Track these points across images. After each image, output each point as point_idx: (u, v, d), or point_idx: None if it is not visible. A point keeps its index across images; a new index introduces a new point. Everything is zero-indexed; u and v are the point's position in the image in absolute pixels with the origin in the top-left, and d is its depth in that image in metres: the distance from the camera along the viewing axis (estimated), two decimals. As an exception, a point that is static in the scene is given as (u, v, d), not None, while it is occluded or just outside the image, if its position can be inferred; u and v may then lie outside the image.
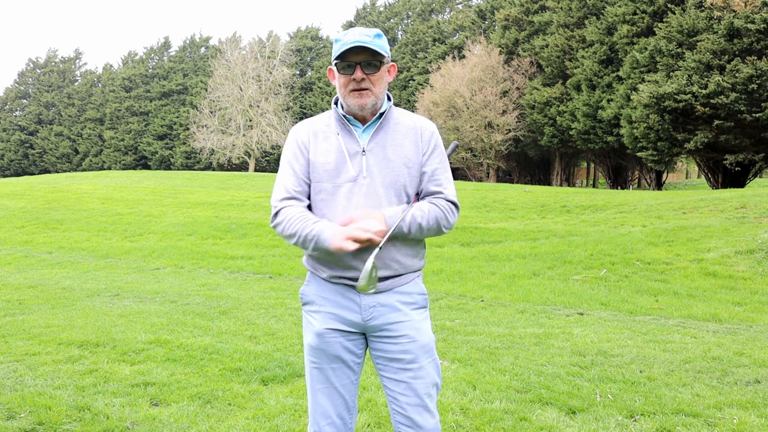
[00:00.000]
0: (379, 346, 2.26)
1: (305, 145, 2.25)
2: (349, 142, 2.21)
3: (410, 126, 2.27)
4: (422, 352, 2.26)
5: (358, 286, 2.09)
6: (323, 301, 2.26)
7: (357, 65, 2.15)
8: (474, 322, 6.18)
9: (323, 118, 2.31)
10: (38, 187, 24.00)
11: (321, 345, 2.24)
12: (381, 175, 2.20)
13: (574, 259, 9.75)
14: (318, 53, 61.45)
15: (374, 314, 2.22)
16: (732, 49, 25.25)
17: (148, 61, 66.26)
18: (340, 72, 2.19)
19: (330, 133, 2.24)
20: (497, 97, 38.84)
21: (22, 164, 67.97)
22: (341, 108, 2.25)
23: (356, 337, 2.27)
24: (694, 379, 4.31)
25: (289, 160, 2.26)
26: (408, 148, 2.23)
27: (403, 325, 2.23)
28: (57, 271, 10.02)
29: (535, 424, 3.52)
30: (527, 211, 16.54)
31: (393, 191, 2.20)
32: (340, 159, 2.20)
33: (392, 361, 2.24)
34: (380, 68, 2.19)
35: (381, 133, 2.23)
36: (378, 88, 2.19)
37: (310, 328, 2.28)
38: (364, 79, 2.16)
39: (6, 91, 71.89)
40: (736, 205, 13.20)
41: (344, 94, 2.20)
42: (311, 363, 2.28)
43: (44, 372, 4.35)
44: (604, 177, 40.65)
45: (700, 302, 7.36)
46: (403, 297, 2.25)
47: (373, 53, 2.15)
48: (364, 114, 2.21)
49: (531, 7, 41.24)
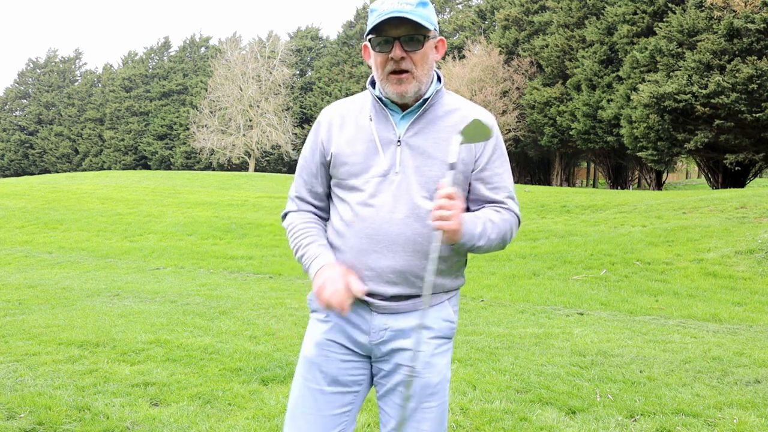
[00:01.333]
0: (382, 370, 1.92)
1: (328, 133, 1.91)
2: (382, 129, 1.85)
3: (464, 116, 1.85)
4: (426, 392, 1.85)
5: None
6: (331, 313, 1.92)
7: (396, 41, 1.75)
8: (474, 322, 6.18)
9: (357, 100, 1.95)
10: (38, 187, 23.99)
11: (318, 357, 1.89)
12: (417, 173, 1.81)
13: (574, 259, 9.75)
14: (318, 53, 61.45)
15: (384, 338, 1.86)
16: (732, 49, 25.24)
17: (148, 61, 66.26)
18: (375, 49, 1.80)
19: (362, 118, 1.88)
20: (497, 97, 38.84)
21: (22, 164, 67.96)
22: (378, 90, 1.88)
23: (360, 360, 1.91)
24: (694, 379, 4.31)
25: (304, 150, 1.99)
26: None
27: (411, 356, 1.84)
28: (57, 271, 10.02)
29: (535, 424, 3.52)
30: (527, 211, 16.54)
31: (428, 194, 1.80)
32: (371, 149, 1.84)
33: (390, 393, 1.90)
34: (424, 44, 1.79)
35: (422, 121, 1.85)
36: (421, 70, 1.79)
37: (311, 336, 1.95)
38: (404, 58, 1.76)
39: (6, 91, 71.91)
40: (736, 205, 13.20)
41: (381, 77, 1.82)
42: (302, 379, 1.91)
43: (44, 372, 4.35)
44: (604, 177, 40.65)
45: (700, 302, 7.36)
46: (424, 320, 1.82)
47: (416, 26, 1.74)
48: (404, 101, 1.83)
49: (531, 7, 41.25)
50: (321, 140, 1.92)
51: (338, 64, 55.75)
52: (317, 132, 1.94)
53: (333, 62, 56.28)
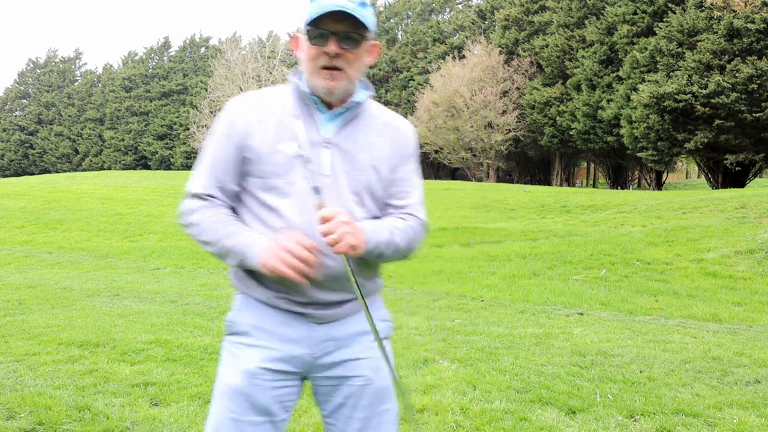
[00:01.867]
0: (325, 389, 1.81)
1: (246, 126, 1.75)
2: (309, 128, 1.75)
3: (386, 123, 1.85)
4: (378, 398, 1.80)
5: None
6: (261, 334, 1.75)
7: (333, 36, 1.69)
8: (474, 322, 6.17)
9: (277, 93, 1.81)
10: (38, 187, 23.99)
11: (247, 388, 1.71)
12: (347, 177, 1.75)
13: (574, 259, 9.75)
14: (318, 53, 61.34)
15: (328, 350, 1.76)
16: (732, 49, 25.25)
17: (148, 61, 66.28)
18: (310, 41, 1.72)
19: (285, 115, 1.76)
20: (497, 97, 38.84)
21: (22, 164, 67.98)
22: (305, 85, 1.77)
23: (294, 382, 1.78)
24: (694, 379, 4.31)
25: (216, 144, 1.78)
26: (381, 150, 1.80)
27: (359, 364, 1.78)
28: (57, 271, 10.02)
29: (535, 424, 3.52)
30: (527, 211, 16.54)
31: (359, 199, 1.76)
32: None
33: (339, 408, 1.80)
34: (361, 44, 1.72)
35: (351, 126, 1.78)
36: (354, 70, 1.73)
37: (236, 365, 1.75)
38: (339, 54, 1.69)
39: (6, 91, 71.93)
40: (736, 205, 13.20)
41: (311, 69, 1.73)
42: (226, 412, 1.73)
43: (44, 372, 4.35)
44: (604, 177, 40.66)
45: (700, 302, 7.36)
46: (363, 325, 1.78)
47: (357, 24, 1.69)
48: (331, 99, 1.74)
49: (531, 7, 41.25)
50: (238, 133, 1.75)
51: (338, 64, 55.64)
52: (232, 124, 1.77)
53: (333, 62, 56.20)
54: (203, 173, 1.78)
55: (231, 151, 1.75)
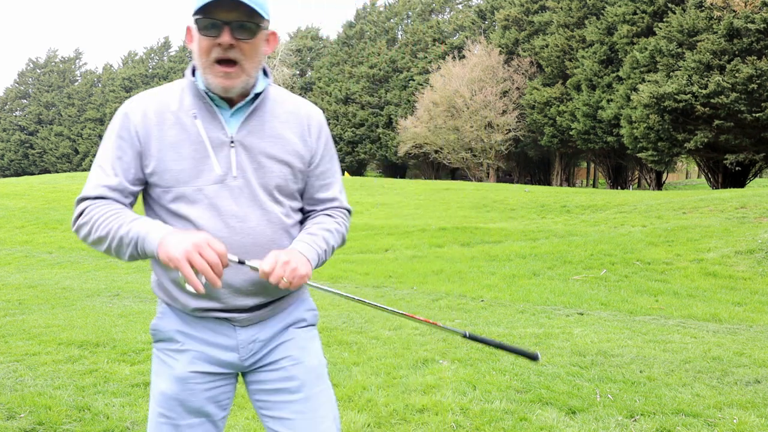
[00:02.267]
0: (256, 378, 1.77)
1: (144, 130, 1.62)
2: (211, 128, 1.63)
3: (293, 112, 1.74)
4: (311, 377, 1.76)
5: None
6: (186, 339, 1.70)
7: (225, 26, 1.56)
8: (474, 322, 6.18)
9: (173, 92, 1.68)
10: (38, 187, 23.99)
11: (181, 394, 1.68)
12: (257, 176, 1.65)
13: (574, 259, 9.75)
14: (318, 53, 61.43)
15: (254, 350, 1.73)
16: (732, 49, 25.26)
17: (148, 61, 66.30)
18: (201, 32, 1.58)
19: (184, 115, 1.63)
20: (497, 97, 38.85)
21: (22, 164, 67.99)
22: (200, 81, 1.64)
23: (227, 381, 1.75)
24: (694, 379, 4.31)
25: (111, 149, 1.64)
26: (291, 141, 1.71)
27: (285, 346, 1.75)
28: (57, 271, 10.02)
29: (535, 424, 3.52)
30: (527, 211, 16.54)
31: (272, 197, 1.68)
32: (200, 152, 1.62)
33: (273, 393, 1.74)
34: (257, 34, 1.61)
35: (255, 119, 1.67)
36: (251, 62, 1.61)
37: (167, 372, 1.70)
38: (233, 46, 1.57)
39: (6, 91, 71.95)
40: (736, 205, 13.20)
41: (205, 65, 1.59)
42: (162, 419, 1.69)
43: (44, 372, 4.35)
44: (604, 177, 40.66)
45: (700, 302, 7.36)
46: (288, 319, 1.78)
47: (250, 12, 1.56)
48: (230, 96, 1.63)
49: (531, 7, 41.26)
50: (136, 136, 1.62)
51: (338, 64, 55.73)
52: (128, 126, 1.63)
53: (333, 62, 56.27)
54: (96, 179, 1.63)
55: (129, 155, 1.62)
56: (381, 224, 14.12)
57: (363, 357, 4.75)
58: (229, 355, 1.70)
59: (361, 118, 51.54)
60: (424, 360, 4.67)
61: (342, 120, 52.51)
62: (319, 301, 7.07)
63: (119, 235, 1.54)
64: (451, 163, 42.77)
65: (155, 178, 1.63)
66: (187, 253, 1.44)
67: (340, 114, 52.89)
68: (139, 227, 1.53)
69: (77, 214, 1.62)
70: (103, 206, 1.59)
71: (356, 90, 52.50)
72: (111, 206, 1.60)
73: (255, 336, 1.72)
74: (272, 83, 1.74)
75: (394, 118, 47.47)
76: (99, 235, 1.57)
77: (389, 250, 11.54)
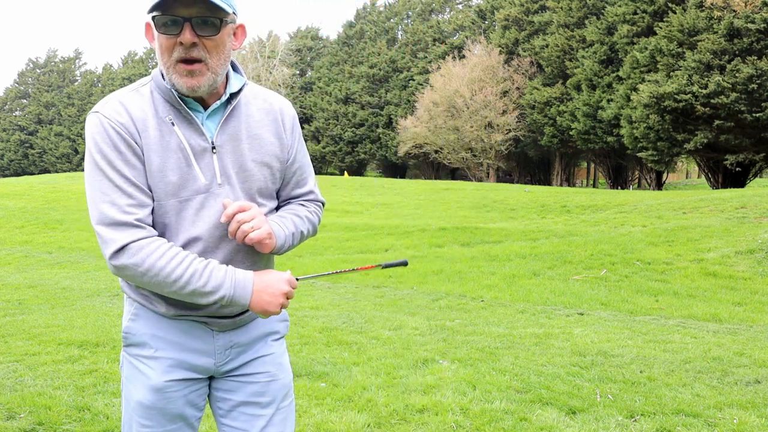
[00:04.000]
0: (227, 387, 1.72)
1: (139, 138, 1.51)
2: (190, 134, 1.54)
3: (266, 110, 1.67)
4: (282, 394, 1.75)
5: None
6: (161, 344, 1.64)
7: (186, 22, 1.44)
8: (474, 322, 6.17)
9: (143, 96, 1.56)
10: (38, 187, 24.00)
11: (159, 403, 1.64)
12: (239, 179, 1.60)
13: (574, 259, 9.74)
14: (318, 53, 61.44)
15: (230, 357, 1.70)
16: (732, 49, 25.26)
17: (148, 61, 66.29)
18: (159, 30, 1.47)
19: (160, 121, 1.53)
20: (497, 97, 38.87)
21: (22, 164, 68.00)
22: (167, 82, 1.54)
23: (202, 384, 1.72)
24: (694, 379, 4.31)
25: (123, 166, 1.50)
26: (268, 141, 1.65)
27: (262, 361, 1.73)
28: (57, 271, 10.02)
29: (535, 424, 3.51)
30: (527, 211, 16.54)
31: (254, 202, 1.64)
32: (183, 161, 1.53)
33: (241, 405, 1.71)
34: (221, 29, 1.49)
35: (233, 122, 1.59)
36: (216, 60, 1.50)
37: (142, 381, 1.64)
38: (195, 44, 1.46)
39: (6, 91, 71.98)
40: (736, 205, 13.20)
41: (168, 64, 1.49)
42: (142, 427, 1.66)
43: (44, 372, 4.35)
44: (604, 177, 40.67)
45: (700, 302, 7.36)
46: (264, 327, 1.75)
47: (212, 6, 1.45)
48: (197, 95, 1.53)
49: (531, 7, 41.28)
50: (135, 144, 1.51)
51: (338, 64, 55.74)
52: (119, 135, 1.50)
53: (333, 62, 56.28)
54: (118, 195, 1.49)
55: (136, 165, 1.52)
56: (381, 224, 14.12)
57: (363, 357, 4.75)
58: (205, 360, 1.67)
59: (361, 118, 51.54)
60: (424, 360, 4.67)
61: (342, 120, 52.51)
62: (319, 301, 7.09)
63: (197, 287, 1.50)
64: (451, 163, 42.78)
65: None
66: (282, 306, 1.56)
67: (340, 114, 52.90)
68: (224, 285, 1.51)
69: (116, 249, 1.48)
70: (158, 243, 1.50)
71: (356, 90, 52.50)
72: (163, 249, 1.50)
73: (232, 341, 1.69)
74: (247, 81, 1.67)
75: (394, 118, 47.48)
76: (173, 276, 1.48)
77: (389, 250, 11.54)
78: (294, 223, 1.69)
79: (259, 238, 1.54)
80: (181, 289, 1.50)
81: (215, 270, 1.52)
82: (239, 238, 1.55)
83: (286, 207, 1.76)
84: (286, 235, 1.65)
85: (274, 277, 1.55)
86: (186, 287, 1.50)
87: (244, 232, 1.53)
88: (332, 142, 53.07)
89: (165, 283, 1.50)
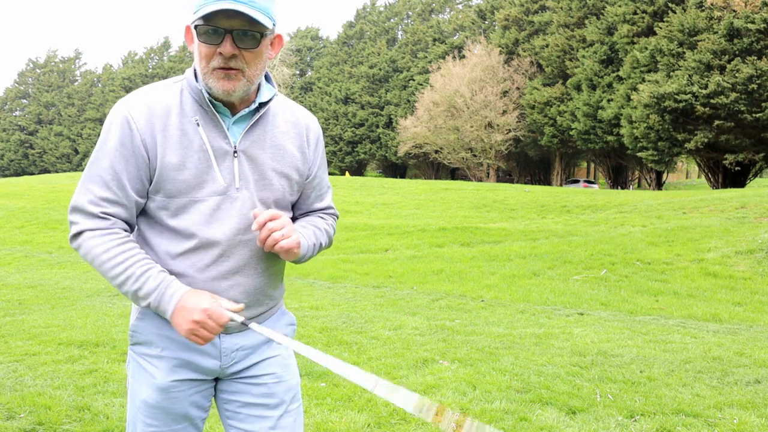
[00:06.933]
0: (234, 388, 1.73)
1: (150, 135, 1.54)
2: (214, 137, 1.57)
3: (292, 122, 1.69)
4: (289, 396, 1.75)
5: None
6: (167, 343, 1.65)
7: (227, 34, 1.47)
8: (474, 322, 6.17)
9: (172, 93, 1.59)
10: (38, 187, 24.00)
11: (164, 402, 1.65)
12: (257, 188, 1.62)
13: (574, 259, 9.74)
14: (318, 53, 61.46)
15: (236, 359, 1.70)
16: (732, 49, 25.27)
17: (148, 61, 66.35)
18: (200, 39, 1.50)
19: (186, 121, 1.56)
20: (497, 97, 38.87)
21: (22, 164, 68.02)
22: (201, 84, 1.57)
23: (207, 385, 1.72)
24: (694, 379, 4.31)
25: (113, 159, 1.53)
26: (291, 153, 1.67)
27: (269, 363, 1.73)
28: (57, 271, 10.02)
29: (535, 424, 3.51)
30: (527, 211, 16.55)
31: (268, 208, 1.65)
32: (203, 161, 1.55)
33: (249, 407, 1.71)
34: (260, 43, 1.51)
35: (258, 130, 1.62)
36: (254, 69, 1.53)
37: (147, 380, 1.66)
38: (235, 56, 1.49)
39: (6, 91, 72.01)
40: (736, 205, 13.21)
41: (205, 70, 1.52)
42: (147, 426, 1.67)
43: (44, 372, 4.35)
44: (604, 177, 40.67)
45: (700, 302, 7.36)
46: (272, 329, 1.75)
47: (252, 20, 1.47)
48: (230, 100, 1.55)
49: (531, 7, 41.29)
50: (142, 144, 1.53)
51: (338, 64, 55.75)
52: (130, 131, 1.53)
53: (333, 62, 56.30)
54: (95, 188, 1.53)
55: (132, 163, 1.53)
56: (381, 224, 14.12)
57: (363, 357, 4.75)
58: (211, 362, 1.67)
59: (361, 118, 51.55)
60: (424, 360, 4.67)
61: (342, 120, 52.52)
62: (319, 301, 7.09)
63: (133, 287, 1.52)
64: (451, 163, 42.78)
65: (157, 188, 1.56)
66: (191, 332, 1.49)
67: (340, 114, 52.91)
68: (151, 295, 1.52)
69: (74, 233, 1.55)
70: (115, 240, 1.53)
71: (356, 90, 52.50)
72: (123, 243, 1.53)
73: (239, 344, 1.69)
74: (277, 93, 1.69)
75: (394, 118, 47.50)
76: (112, 273, 1.53)
77: (389, 250, 11.54)
78: (315, 234, 1.72)
79: (289, 246, 1.56)
80: (118, 287, 1.55)
81: (151, 279, 1.52)
82: (268, 245, 1.56)
83: (306, 218, 1.78)
84: (308, 245, 1.67)
85: (194, 303, 1.50)
86: (121, 287, 1.54)
87: (275, 240, 1.55)
88: (332, 142, 53.08)
89: (105, 277, 1.55)
